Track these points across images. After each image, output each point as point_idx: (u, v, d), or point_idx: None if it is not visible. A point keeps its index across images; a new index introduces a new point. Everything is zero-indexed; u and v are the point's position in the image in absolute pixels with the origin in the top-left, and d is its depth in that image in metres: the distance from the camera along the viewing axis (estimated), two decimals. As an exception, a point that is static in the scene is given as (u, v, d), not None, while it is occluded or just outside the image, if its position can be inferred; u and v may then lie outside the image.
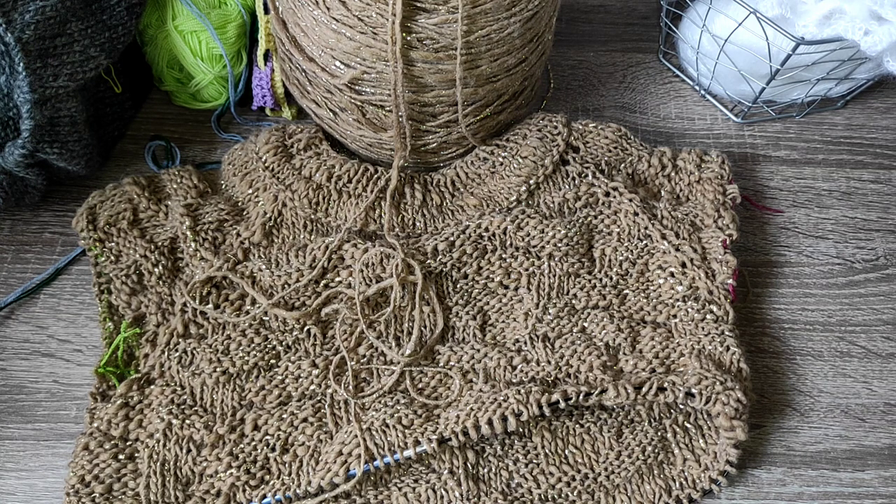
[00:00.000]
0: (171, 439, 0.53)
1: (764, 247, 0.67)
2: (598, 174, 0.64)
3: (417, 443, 0.52)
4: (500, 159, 0.65)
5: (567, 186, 0.64)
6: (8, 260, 0.63)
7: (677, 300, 0.59)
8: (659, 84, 0.77)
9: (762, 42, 0.65)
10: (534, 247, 0.60)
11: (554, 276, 0.60)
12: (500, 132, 0.67)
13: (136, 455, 0.53)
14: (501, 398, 0.52)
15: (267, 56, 0.67)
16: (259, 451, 0.53)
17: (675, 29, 0.75)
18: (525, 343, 0.57)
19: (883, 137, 0.74)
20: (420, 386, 0.56)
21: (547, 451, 0.54)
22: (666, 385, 0.53)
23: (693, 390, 0.52)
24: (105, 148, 0.68)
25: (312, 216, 0.62)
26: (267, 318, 0.58)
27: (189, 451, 0.53)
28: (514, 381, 0.55)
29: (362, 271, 0.58)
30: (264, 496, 0.51)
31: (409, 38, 0.54)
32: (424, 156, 0.65)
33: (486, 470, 0.54)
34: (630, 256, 0.61)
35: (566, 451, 0.55)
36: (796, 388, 0.60)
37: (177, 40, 0.66)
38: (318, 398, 0.55)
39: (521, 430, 0.55)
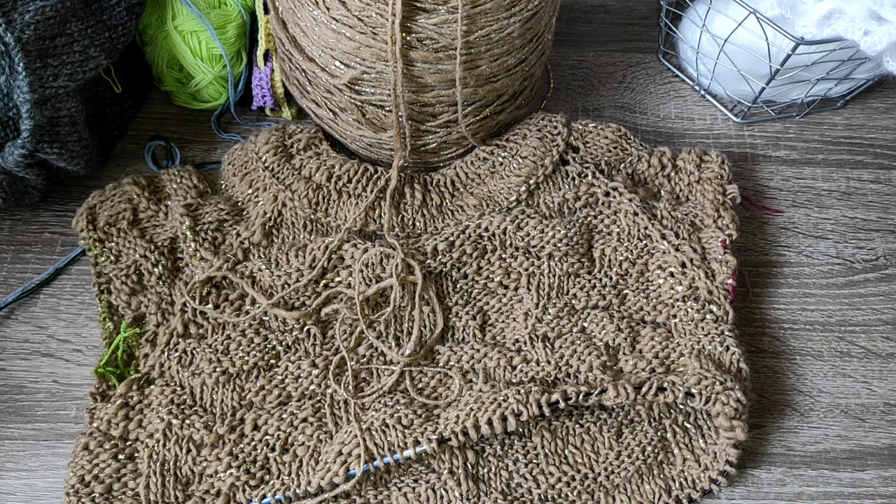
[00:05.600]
0: (171, 439, 0.53)
1: (764, 247, 0.67)
2: (598, 174, 0.64)
3: (417, 443, 0.52)
4: (500, 159, 0.65)
5: (567, 186, 0.64)
6: (8, 260, 0.63)
7: (677, 300, 0.59)
8: (659, 84, 0.77)
9: (762, 42, 0.65)
10: (534, 247, 0.60)
11: (554, 276, 0.60)
12: (500, 132, 0.67)
13: (136, 455, 0.53)
14: (501, 398, 0.52)
15: (267, 56, 0.67)
16: (259, 451, 0.53)
17: (675, 29, 0.75)
18: (525, 343, 0.57)
19: (883, 137, 0.74)
20: (420, 386, 0.56)
21: (547, 451, 0.54)
22: (666, 385, 0.53)
23: (693, 390, 0.52)
24: (105, 148, 0.67)
25: (312, 216, 0.62)
26: (267, 318, 0.58)
27: (189, 451, 0.53)
28: (514, 381, 0.55)
29: (362, 271, 0.58)
30: (264, 496, 0.51)
31: (408, 38, 0.54)
32: (424, 156, 0.65)
33: (485, 470, 0.54)
34: (630, 256, 0.61)
35: (566, 451, 0.55)
36: (796, 388, 0.60)
37: (177, 40, 0.66)
38: (318, 398, 0.55)
39: (521, 430, 0.55)
